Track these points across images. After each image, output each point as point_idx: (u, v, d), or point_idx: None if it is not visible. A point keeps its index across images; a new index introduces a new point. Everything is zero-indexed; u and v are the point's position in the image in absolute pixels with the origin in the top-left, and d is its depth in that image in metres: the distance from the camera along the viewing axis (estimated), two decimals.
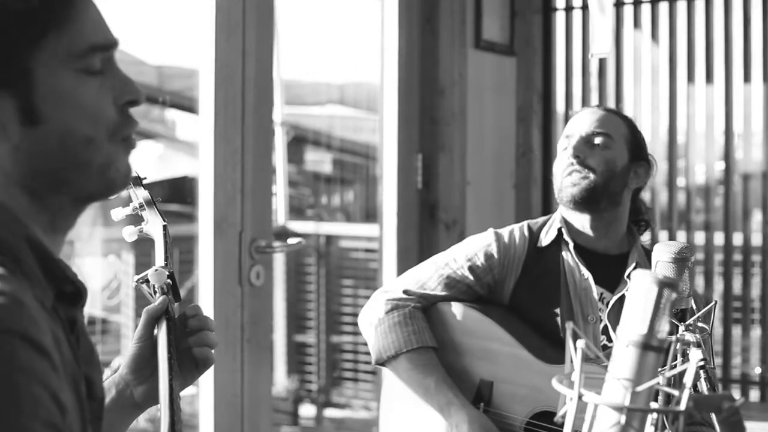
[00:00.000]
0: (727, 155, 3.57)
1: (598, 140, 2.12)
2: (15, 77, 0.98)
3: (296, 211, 6.35)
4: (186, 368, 1.40)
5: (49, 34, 0.99)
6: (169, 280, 1.43)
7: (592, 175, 2.10)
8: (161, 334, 1.36)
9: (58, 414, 0.90)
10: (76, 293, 1.04)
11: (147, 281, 1.43)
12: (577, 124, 2.16)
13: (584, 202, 2.11)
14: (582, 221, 2.16)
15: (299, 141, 6.58)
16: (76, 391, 0.99)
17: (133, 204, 1.53)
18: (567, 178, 2.12)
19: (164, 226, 1.49)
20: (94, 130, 1.02)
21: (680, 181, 3.71)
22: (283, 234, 5.36)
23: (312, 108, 6.83)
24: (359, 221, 6.44)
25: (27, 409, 0.86)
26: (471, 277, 2.17)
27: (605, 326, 2.09)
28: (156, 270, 1.43)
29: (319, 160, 6.68)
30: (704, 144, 3.64)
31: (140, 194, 1.53)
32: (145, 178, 1.55)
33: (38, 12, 0.98)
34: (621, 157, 2.13)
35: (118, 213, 1.52)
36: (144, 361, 1.39)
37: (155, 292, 1.42)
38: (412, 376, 2.09)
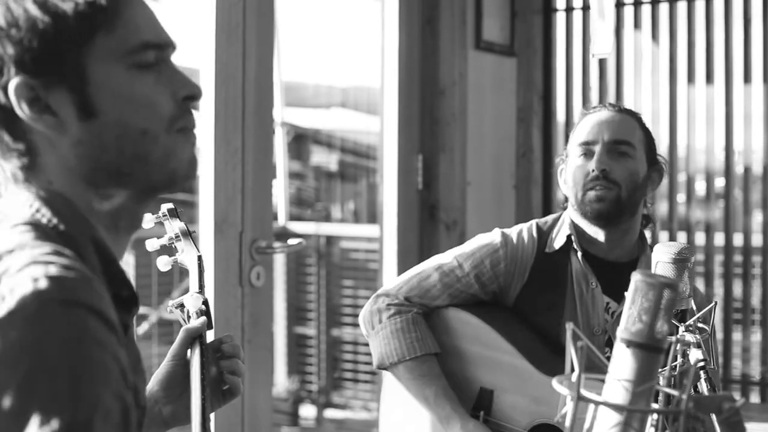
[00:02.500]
0: (728, 156, 3.57)
1: (622, 149, 2.04)
2: (70, 73, 1.02)
3: (304, 203, 6.36)
4: (212, 394, 1.43)
5: (100, 32, 1.02)
6: (204, 306, 1.47)
7: (617, 189, 2.03)
8: (195, 355, 1.39)
9: (125, 388, 0.92)
10: (132, 299, 1.06)
11: (182, 306, 1.48)
12: (598, 129, 2.06)
13: (609, 217, 2.04)
14: (596, 232, 2.09)
15: (303, 139, 6.58)
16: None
17: (168, 235, 1.58)
18: (591, 192, 2.04)
19: (199, 257, 1.54)
20: (149, 123, 1.05)
21: (681, 179, 3.71)
22: (284, 235, 5.36)
23: (316, 110, 6.84)
24: (365, 218, 6.44)
25: (99, 378, 0.88)
26: (476, 286, 2.13)
27: (609, 337, 2.06)
28: (192, 295, 1.48)
29: (324, 161, 6.69)
30: (704, 145, 3.63)
31: (175, 225, 1.58)
32: (181, 211, 1.60)
33: (88, 11, 1.02)
34: (642, 166, 2.07)
35: (153, 244, 1.57)
36: (175, 381, 1.41)
37: (189, 317, 1.46)
38: (412, 385, 2.07)
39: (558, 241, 2.12)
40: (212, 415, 2.77)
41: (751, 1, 3.50)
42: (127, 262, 5.00)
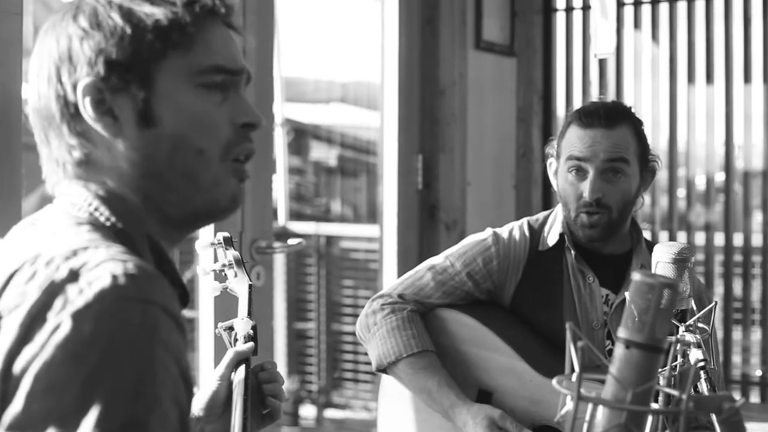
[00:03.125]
0: (728, 156, 3.57)
1: (616, 167, 2.02)
2: (138, 81, 1.05)
3: (303, 199, 6.36)
4: (252, 417, 1.46)
5: (176, 50, 1.06)
6: (252, 331, 1.53)
7: (608, 213, 2.03)
8: (239, 377, 1.44)
9: (185, 393, 0.94)
10: (184, 298, 1.08)
11: (231, 329, 1.55)
12: (591, 148, 2.02)
13: (601, 239, 2.06)
14: (586, 239, 2.09)
15: (302, 134, 6.58)
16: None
17: (221, 262, 1.66)
18: (583, 215, 2.04)
19: (250, 285, 1.61)
20: (206, 143, 1.07)
21: (681, 179, 3.71)
22: (284, 234, 5.36)
23: (316, 105, 6.83)
24: (365, 214, 6.44)
25: (161, 380, 0.90)
26: (470, 284, 2.13)
27: (609, 330, 2.05)
28: (242, 319, 1.54)
29: (324, 157, 6.68)
30: (705, 144, 3.63)
31: (230, 254, 1.66)
32: (236, 240, 1.68)
33: (168, 28, 1.05)
34: (635, 178, 2.06)
35: (205, 269, 1.66)
36: (218, 401, 1.46)
37: (236, 340, 1.52)
38: (413, 380, 2.06)
39: (551, 239, 2.12)
40: None
41: (751, 1, 3.50)
42: None
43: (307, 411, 5.48)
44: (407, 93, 3.44)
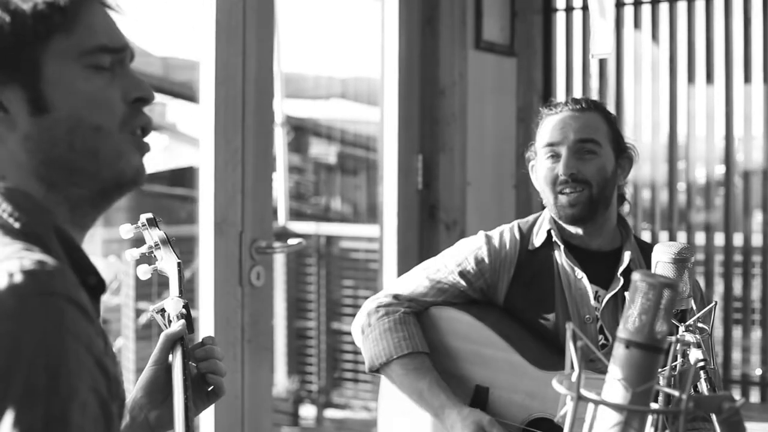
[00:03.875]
0: (728, 156, 3.57)
1: (588, 147, 2.06)
2: (24, 69, 1.03)
3: (302, 197, 6.36)
4: (197, 396, 1.43)
5: (58, 32, 1.04)
6: (184, 310, 1.49)
7: (587, 189, 2.05)
8: (176, 358, 1.40)
9: (102, 379, 0.92)
10: (99, 285, 1.06)
11: (163, 311, 1.50)
12: (561, 130, 2.08)
13: (584, 218, 2.07)
14: (574, 229, 2.12)
15: (302, 131, 6.58)
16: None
17: (148, 244, 1.61)
18: (562, 196, 2.07)
19: (178, 263, 1.57)
20: (102, 119, 1.06)
21: (680, 182, 3.71)
22: (284, 234, 5.36)
23: (315, 102, 6.83)
24: (364, 212, 6.44)
25: (75, 371, 0.88)
26: (463, 283, 2.15)
27: (601, 325, 2.07)
28: (173, 299, 1.50)
29: (323, 153, 6.68)
30: (705, 144, 3.64)
31: (155, 234, 1.61)
32: (160, 220, 1.64)
33: (47, 12, 1.03)
34: (609, 160, 2.08)
35: (133, 253, 1.60)
36: (158, 386, 1.42)
37: (170, 321, 1.48)
38: (404, 381, 2.08)
39: (539, 238, 2.14)
40: (212, 415, 2.77)
41: (751, 1, 3.50)
42: (127, 262, 5.00)
43: (307, 411, 5.48)
44: (407, 93, 3.44)
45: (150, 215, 1.63)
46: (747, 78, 3.53)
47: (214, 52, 2.63)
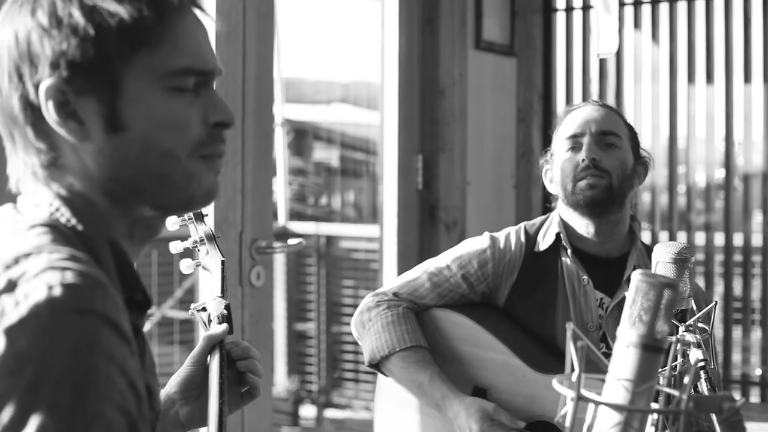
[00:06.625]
0: (728, 156, 3.57)
1: (609, 140, 2.06)
2: (104, 84, 1.00)
3: (306, 201, 6.36)
4: (231, 397, 1.44)
5: (143, 50, 1.01)
6: (225, 311, 1.48)
7: (608, 178, 2.04)
8: (215, 359, 1.40)
9: (134, 401, 0.91)
10: (145, 302, 1.06)
11: (204, 309, 1.49)
12: (584, 121, 2.08)
13: (602, 204, 2.04)
14: (586, 226, 2.09)
15: (304, 135, 6.59)
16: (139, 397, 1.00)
17: (192, 238, 1.59)
18: (582, 181, 2.04)
19: (222, 262, 1.55)
20: (174, 144, 1.03)
21: (681, 184, 3.71)
22: (284, 234, 5.36)
23: (316, 106, 6.84)
24: (368, 214, 6.44)
25: (103, 392, 0.87)
26: (464, 286, 2.14)
27: (604, 332, 2.06)
28: (215, 299, 1.49)
29: (326, 157, 6.69)
30: (705, 145, 3.64)
31: (201, 229, 1.59)
32: (206, 215, 1.61)
33: (134, 27, 1.00)
34: (629, 157, 2.09)
35: (177, 246, 1.57)
36: (194, 384, 1.43)
37: (210, 321, 1.48)
38: (405, 374, 2.06)
39: (547, 241, 2.12)
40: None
41: (751, 1, 3.50)
42: None
43: (307, 411, 5.48)
44: (407, 93, 3.44)
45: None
46: (747, 78, 3.53)
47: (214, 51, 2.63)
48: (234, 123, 1.08)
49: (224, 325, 1.45)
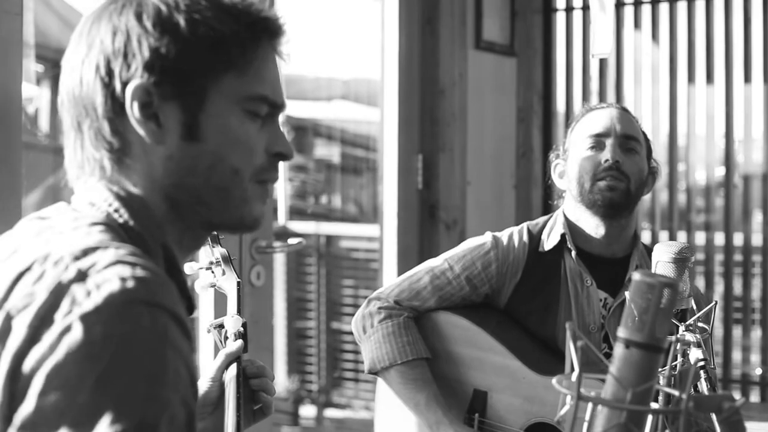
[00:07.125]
0: (728, 156, 3.57)
1: (631, 144, 2.07)
2: (191, 94, 1.05)
3: (307, 197, 6.36)
4: (244, 414, 1.47)
5: (233, 71, 1.07)
6: (242, 328, 1.53)
7: (626, 182, 2.04)
8: (231, 374, 1.45)
9: (192, 395, 0.94)
10: (190, 308, 1.08)
11: (221, 326, 1.53)
12: (610, 122, 2.08)
13: (618, 207, 2.04)
14: (596, 226, 2.08)
15: (304, 132, 6.58)
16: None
17: (209, 260, 1.63)
18: (602, 182, 2.04)
19: (238, 282, 1.60)
20: (241, 164, 1.08)
21: (681, 183, 3.71)
22: (284, 234, 5.36)
23: (317, 103, 6.83)
24: (369, 211, 6.44)
25: (172, 383, 0.90)
26: (468, 288, 2.13)
27: (606, 333, 2.05)
28: (232, 317, 1.53)
29: (327, 154, 6.69)
30: (705, 145, 3.64)
31: (217, 251, 1.64)
32: (222, 237, 1.66)
33: (231, 48, 1.06)
34: (645, 164, 2.10)
35: (192, 267, 1.62)
36: (209, 400, 1.47)
37: (226, 338, 1.52)
38: (403, 390, 2.07)
39: (551, 241, 2.12)
40: None
41: (751, 1, 3.50)
42: None
43: (307, 411, 5.48)
44: (407, 93, 3.44)
45: (213, 232, 1.66)
46: (747, 78, 3.53)
47: None
48: (293, 158, 1.14)
49: (240, 342, 1.49)
